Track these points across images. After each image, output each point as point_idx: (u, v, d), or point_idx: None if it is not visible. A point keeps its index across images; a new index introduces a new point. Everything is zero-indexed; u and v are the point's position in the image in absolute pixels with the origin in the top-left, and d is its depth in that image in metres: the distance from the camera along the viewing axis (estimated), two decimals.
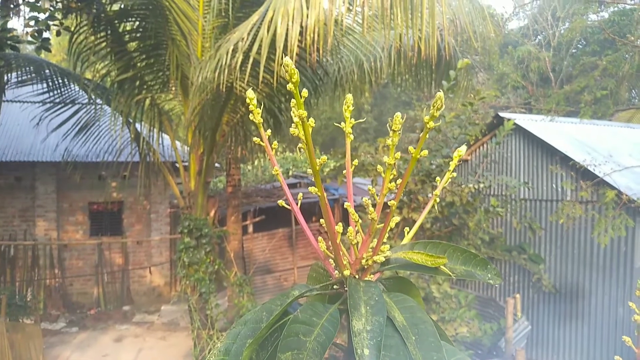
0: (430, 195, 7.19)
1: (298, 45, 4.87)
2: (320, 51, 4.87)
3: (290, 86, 0.67)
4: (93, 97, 7.43)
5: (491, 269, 0.82)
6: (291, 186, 12.86)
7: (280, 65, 5.55)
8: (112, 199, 10.75)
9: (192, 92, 5.75)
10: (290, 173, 15.72)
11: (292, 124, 0.75)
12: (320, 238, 0.83)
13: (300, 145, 0.75)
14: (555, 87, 15.47)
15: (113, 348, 8.49)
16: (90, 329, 9.41)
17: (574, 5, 16.15)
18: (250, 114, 0.85)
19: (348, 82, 7.09)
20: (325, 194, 0.74)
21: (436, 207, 0.88)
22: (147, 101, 7.13)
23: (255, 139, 0.84)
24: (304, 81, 6.53)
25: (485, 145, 8.81)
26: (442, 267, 0.79)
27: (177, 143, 8.11)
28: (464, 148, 0.85)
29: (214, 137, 6.81)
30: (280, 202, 0.87)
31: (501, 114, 8.46)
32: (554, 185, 7.78)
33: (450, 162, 0.85)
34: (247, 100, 0.84)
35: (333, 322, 0.73)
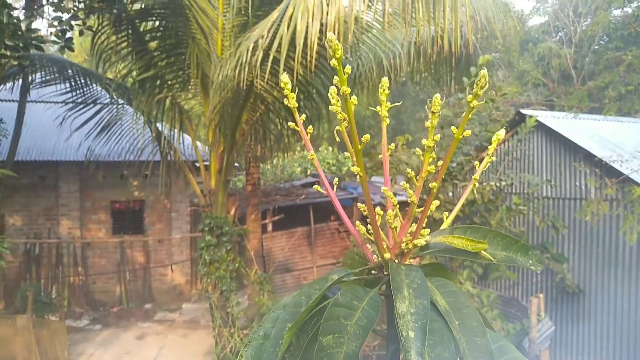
0: (450, 193, 7.13)
1: (318, 43, 4.86)
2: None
3: (334, 62, 0.66)
4: (115, 96, 7.52)
5: (532, 255, 0.80)
6: (310, 185, 12.85)
7: (300, 62, 5.55)
8: (133, 197, 10.87)
9: (213, 90, 5.78)
10: (309, 172, 15.73)
11: (330, 105, 0.74)
12: (357, 222, 0.82)
13: (337, 128, 0.74)
14: (577, 84, 15.21)
15: (135, 345, 8.59)
16: (112, 326, 9.54)
17: (597, 1, 15.86)
18: (285, 99, 0.84)
19: (367, 80, 7.05)
20: (367, 185, 0.73)
21: (475, 192, 0.86)
22: (168, 100, 7.19)
23: (290, 123, 0.84)
24: (323, 79, 6.52)
25: (506, 143, 8.70)
26: (482, 252, 0.77)
27: (198, 143, 8.16)
28: (502, 132, 0.83)
29: (234, 136, 6.84)
30: (316, 187, 0.86)
31: (523, 111, 8.34)
32: (577, 183, 7.65)
33: (489, 147, 0.84)
34: (282, 85, 0.83)
35: (374, 306, 0.72)
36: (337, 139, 0.77)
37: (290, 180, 14.40)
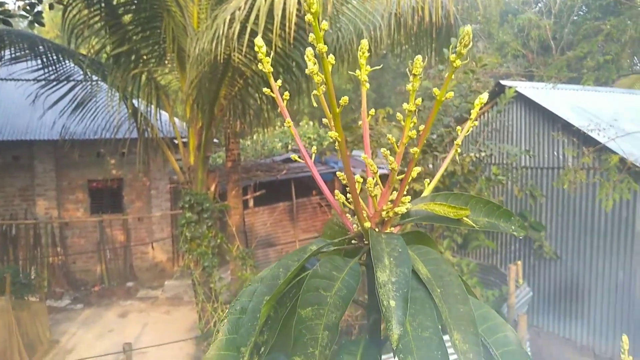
0: (431, 165, 7.16)
1: (296, 14, 4.76)
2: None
3: (309, 17, 0.62)
4: (89, 73, 7.31)
5: (515, 221, 0.79)
6: (289, 160, 12.81)
7: (278, 35, 5.45)
8: (111, 176, 10.71)
9: (189, 65, 5.65)
10: (290, 147, 15.66)
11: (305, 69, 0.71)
12: (337, 191, 0.79)
13: (314, 92, 0.71)
14: (556, 54, 15.29)
15: (118, 323, 8.57)
16: (94, 305, 9.49)
17: None
18: (260, 64, 0.80)
19: (347, 52, 6.97)
20: (344, 139, 0.70)
21: (457, 159, 0.84)
22: (144, 76, 7.02)
23: (265, 90, 0.80)
24: (302, 51, 6.42)
25: (486, 114, 8.74)
26: (464, 218, 0.76)
27: (175, 119, 8.02)
28: (485, 95, 0.81)
29: (212, 111, 6.74)
30: (294, 156, 0.83)
31: (502, 82, 8.37)
32: (555, 153, 7.75)
33: (472, 111, 0.81)
34: (256, 49, 0.79)
35: (354, 276, 0.70)
36: (315, 104, 0.73)
37: (271, 156, 14.33)
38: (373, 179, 0.75)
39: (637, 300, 6.79)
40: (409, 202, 0.77)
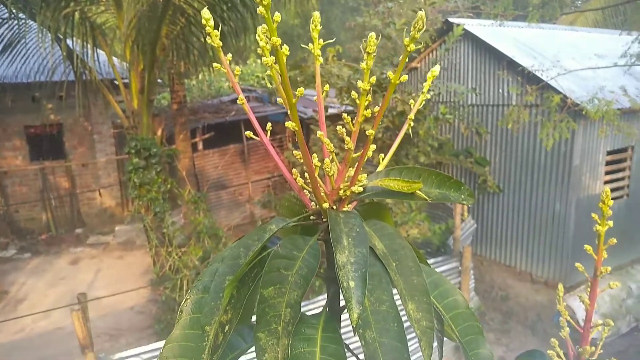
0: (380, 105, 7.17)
1: None
2: None
3: (261, 10, 0.60)
4: (14, 11, 6.73)
5: (464, 190, 0.82)
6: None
7: None
8: (49, 121, 10.18)
9: (127, 3, 5.32)
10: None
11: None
12: (294, 170, 0.80)
13: (267, 72, 0.70)
14: None
15: (70, 271, 8.46)
16: (43, 254, 9.28)
17: None
18: (208, 37, 0.78)
19: None
20: (301, 129, 0.70)
21: (410, 129, 0.86)
22: (77, 14, 6.55)
23: (215, 65, 0.78)
24: None
25: (434, 52, 8.77)
26: (417, 191, 0.78)
27: (115, 59, 7.60)
28: (437, 68, 0.82)
29: (154, 52, 6.43)
30: (248, 133, 0.82)
31: (450, 19, 8.36)
32: (500, 91, 7.94)
33: (424, 84, 0.82)
34: (204, 22, 0.76)
35: (314, 254, 0.72)
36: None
37: (218, 96, 13.95)
38: (329, 157, 0.76)
39: (571, 229, 7.30)
40: (365, 179, 0.79)
